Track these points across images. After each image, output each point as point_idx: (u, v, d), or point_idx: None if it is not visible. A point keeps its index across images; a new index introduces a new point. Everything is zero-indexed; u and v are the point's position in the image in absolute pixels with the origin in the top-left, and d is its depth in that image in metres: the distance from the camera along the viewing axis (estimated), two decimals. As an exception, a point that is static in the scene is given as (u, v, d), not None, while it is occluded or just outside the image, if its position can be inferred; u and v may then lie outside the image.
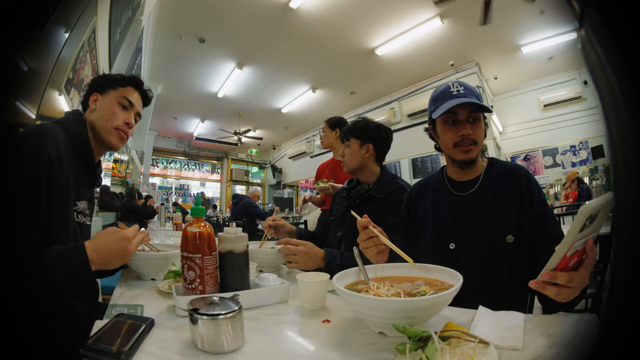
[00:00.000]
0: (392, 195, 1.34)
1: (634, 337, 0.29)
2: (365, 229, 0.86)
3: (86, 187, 0.96)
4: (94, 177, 1.00)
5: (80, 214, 0.92)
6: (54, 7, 1.39)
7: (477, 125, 0.95)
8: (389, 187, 1.36)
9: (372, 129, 1.43)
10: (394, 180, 1.39)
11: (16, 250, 0.71)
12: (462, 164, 0.99)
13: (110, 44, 2.75)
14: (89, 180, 0.97)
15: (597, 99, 0.34)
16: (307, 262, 1.15)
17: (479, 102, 0.92)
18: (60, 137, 0.84)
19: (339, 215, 1.50)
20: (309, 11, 4.44)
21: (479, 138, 0.96)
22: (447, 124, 0.97)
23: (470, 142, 0.95)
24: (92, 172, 0.99)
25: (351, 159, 1.43)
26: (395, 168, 7.16)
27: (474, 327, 0.62)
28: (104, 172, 1.19)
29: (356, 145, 1.42)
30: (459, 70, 5.88)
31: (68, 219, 0.85)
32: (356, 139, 1.42)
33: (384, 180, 1.39)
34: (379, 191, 1.36)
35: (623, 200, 0.32)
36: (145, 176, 7.83)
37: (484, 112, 0.97)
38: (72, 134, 0.90)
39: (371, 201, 1.37)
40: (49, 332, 0.80)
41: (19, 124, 1.25)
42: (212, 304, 0.58)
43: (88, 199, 0.96)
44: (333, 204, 1.64)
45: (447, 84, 0.99)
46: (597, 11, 0.33)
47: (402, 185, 1.37)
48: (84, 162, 0.94)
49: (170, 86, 6.70)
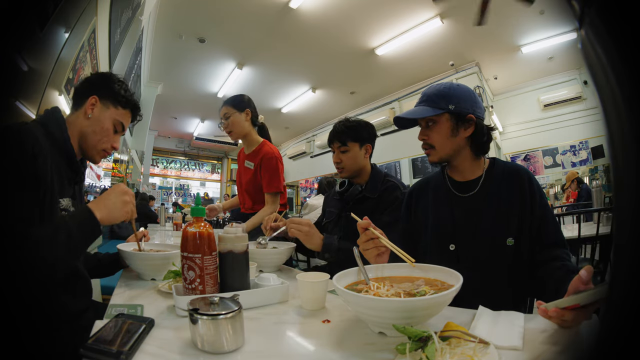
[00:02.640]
0: (385, 193, 1.34)
1: (634, 337, 0.29)
2: (365, 230, 0.85)
3: (69, 184, 0.95)
4: (77, 174, 0.98)
5: (64, 212, 0.90)
6: (54, 7, 1.39)
7: (431, 129, 0.99)
8: (381, 186, 1.36)
9: (368, 129, 1.43)
10: (385, 179, 1.39)
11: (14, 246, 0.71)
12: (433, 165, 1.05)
13: (110, 44, 2.75)
14: (71, 177, 0.95)
15: (597, 99, 0.34)
16: (307, 235, 1.21)
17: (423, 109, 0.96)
18: (40, 135, 0.82)
19: (332, 218, 1.50)
20: (309, 11, 4.44)
21: (434, 142, 0.99)
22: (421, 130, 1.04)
23: (427, 147, 1.01)
24: (75, 169, 0.97)
25: (353, 163, 1.40)
26: (395, 168, 7.16)
27: (474, 327, 0.62)
28: (104, 172, 1.19)
29: (356, 148, 1.40)
30: (459, 70, 5.88)
31: (53, 216, 0.85)
32: (355, 142, 1.40)
33: (376, 179, 1.39)
34: (372, 191, 1.36)
35: (623, 200, 0.32)
36: (145, 176, 7.83)
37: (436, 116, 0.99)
38: (52, 133, 0.88)
39: (365, 201, 1.37)
40: (46, 330, 0.80)
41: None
42: (212, 304, 0.58)
43: (71, 196, 0.95)
44: (326, 206, 1.63)
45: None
46: (597, 11, 0.33)
47: (394, 182, 1.37)
48: (65, 160, 0.92)
49: (170, 86, 6.70)
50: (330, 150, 1.47)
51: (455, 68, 5.88)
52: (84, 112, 0.97)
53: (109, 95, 0.99)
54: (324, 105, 7.67)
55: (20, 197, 0.74)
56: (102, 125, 0.97)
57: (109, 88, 1.00)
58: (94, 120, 0.97)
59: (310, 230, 1.22)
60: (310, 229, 1.23)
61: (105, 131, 0.98)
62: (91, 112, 0.97)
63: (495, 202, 0.96)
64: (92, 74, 1.08)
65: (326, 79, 6.55)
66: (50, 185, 0.82)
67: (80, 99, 0.98)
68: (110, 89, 1.00)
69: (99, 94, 0.98)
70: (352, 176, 1.43)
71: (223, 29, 4.90)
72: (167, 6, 4.42)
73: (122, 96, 1.01)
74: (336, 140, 1.41)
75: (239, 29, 4.87)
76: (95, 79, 1.03)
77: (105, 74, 1.05)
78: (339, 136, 1.41)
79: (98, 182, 4.07)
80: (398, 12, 4.49)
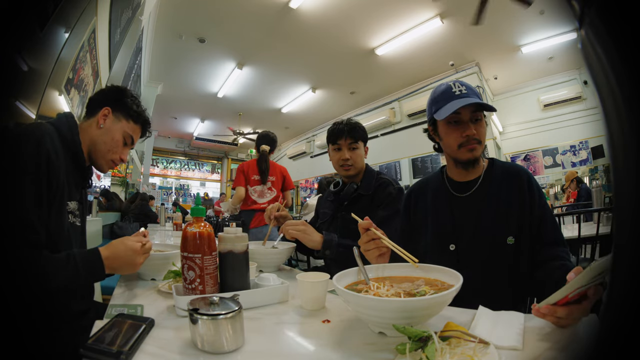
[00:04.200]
0: (379, 189, 1.37)
1: (634, 337, 0.29)
2: (367, 231, 0.85)
3: (77, 188, 0.97)
4: (85, 179, 1.01)
5: (71, 214, 0.92)
6: (54, 7, 1.39)
7: (480, 125, 0.96)
8: (375, 183, 1.39)
9: (365, 130, 1.48)
10: (378, 176, 1.42)
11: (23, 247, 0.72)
12: (466, 163, 0.98)
13: (110, 44, 2.75)
14: (79, 182, 0.98)
15: (597, 99, 0.34)
16: (306, 234, 1.23)
17: (483, 101, 0.93)
18: (55, 136, 0.85)
19: (326, 219, 1.51)
20: (309, 11, 4.44)
21: (482, 137, 0.96)
22: (450, 125, 0.97)
23: (475, 142, 0.95)
24: (83, 174, 1.00)
25: (360, 160, 1.44)
26: (395, 168, 7.17)
27: (474, 327, 0.62)
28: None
29: (362, 146, 1.45)
30: (459, 70, 5.88)
31: (62, 217, 0.86)
32: (362, 142, 1.45)
33: (369, 176, 1.42)
34: (366, 188, 1.38)
35: (623, 200, 0.32)
36: (145, 176, 7.83)
37: (489, 111, 0.96)
38: (65, 136, 0.90)
39: (359, 199, 1.39)
40: (47, 331, 0.80)
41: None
42: (212, 304, 0.58)
43: (78, 200, 0.97)
44: (319, 207, 1.64)
45: (448, 83, 0.98)
46: (597, 11, 0.33)
47: (387, 179, 1.39)
48: (75, 164, 0.95)
49: (170, 86, 6.71)
50: (326, 152, 1.48)
51: (455, 68, 5.88)
52: (96, 122, 0.99)
53: (122, 109, 1.02)
54: (323, 105, 7.68)
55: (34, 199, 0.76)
56: (112, 136, 1.00)
57: (122, 102, 1.02)
58: (105, 130, 0.99)
59: (306, 228, 1.25)
60: (306, 227, 1.25)
61: (115, 142, 1.01)
62: (103, 122, 0.99)
63: (494, 202, 0.96)
64: (108, 86, 1.11)
65: (326, 79, 6.56)
66: (62, 186, 0.84)
67: (94, 109, 1.01)
68: (123, 102, 1.02)
69: (112, 106, 1.01)
70: (356, 174, 1.45)
71: (223, 29, 4.90)
72: (167, 6, 4.42)
73: (134, 111, 1.04)
74: (349, 137, 1.40)
75: (239, 29, 4.88)
76: (110, 91, 1.06)
77: (120, 88, 1.08)
78: (352, 133, 1.40)
79: (98, 182, 4.07)
80: (398, 12, 4.49)
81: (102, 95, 1.04)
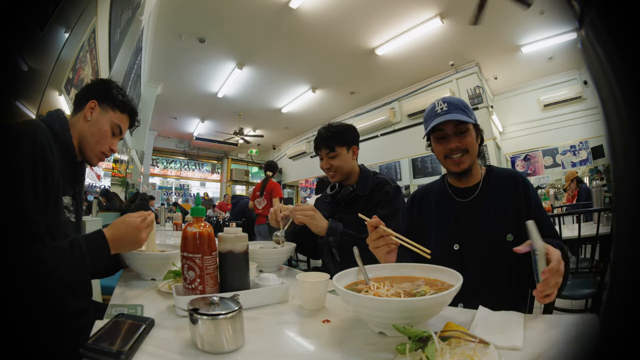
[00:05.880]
0: (376, 189, 1.37)
1: (634, 337, 0.29)
2: (375, 228, 0.86)
3: (70, 184, 0.97)
4: (78, 174, 1.02)
5: (65, 209, 0.93)
6: (54, 7, 1.39)
7: (465, 136, 1.02)
8: (371, 183, 1.39)
9: (351, 131, 1.44)
10: (375, 176, 1.42)
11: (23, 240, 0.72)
12: (457, 174, 1.05)
13: (110, 44, 2.75)
14: (72, 177, 0.99)
15: (597, 99, 0.34)
16: (313, 219, 1.26)
17: (462, 116, 0.98)
18: (48, 133, 0.86)
19: None
20: (309, 11, 4.44)
21: (469, 146, 1.02)
22: (437, 140, 1.05)
23: (460, 153, 1.01)
24: (76, 169, 1.00)
25: (343, 166, 1.41)
26: (395, 168, 7.17)
27: (474, 327, 0.62)
28: (104, 172, 1.21)
29: (344, 151, 1.41)
30: (459, 70, 5.88)
31: (59, 211, 0.87)
32: (342, 146, 1.40)
33: (365, 177, 1.42)
34: (363, 189, 1.38)
35: (623, 200, 0.32)
36: (145, 176, 7.82)
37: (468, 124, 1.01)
38: (57, 132, 0.91)
39: (357, 200, 1.39)
40: (46, 330, 0.80)
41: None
42: (212, 304, 0.58)
43: (72, 195, 0.98)
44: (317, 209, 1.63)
45: (433, 103, 1.05)
46: (597, 11, 0.33)
47: (384, 178, 1.40)
48: (68, 159, 0.95)
49: (170, 86, 6.70)
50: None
51: (455, 68, 5.88)
52: (83, 116, 1.00)
53: (108, 100, 1.03)
54: (324, 105, 7.67)
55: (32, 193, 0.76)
56: (100, 127, 1.00)
57: (107, 93, 1.03)
58: (93, 122, 1.00)
59: (315, 214, 1.27)
60: (315, 213, 1.27)
61: (104, 133, 1.01)
62: (90, 115, 1.00)
63: (493, 208, 1.01)
64: (93, 79, 1.12)
65: (326, 79, 6.56)
66: (57, 181, 0.84)
67: (81, 103, 1.02)
68: (108, 93, 1.03)
69: (98, 99, 1.02)
70: (343, 179, 1.44)
71: (223, 29, 4.90)
72: (167, 6, 4.42)
73: (120, 101, 1.04)
74: (324, 147, 1.42)
75: (238, 29, 4.88)
76: (95, 84, 1.07)
77: (104, 80, 1.09)
78: (327, 142, 1.41)
79: (98, 182, 4.07)
80: (398, 12, 4.49)
81: (88, 89, 1.05)
